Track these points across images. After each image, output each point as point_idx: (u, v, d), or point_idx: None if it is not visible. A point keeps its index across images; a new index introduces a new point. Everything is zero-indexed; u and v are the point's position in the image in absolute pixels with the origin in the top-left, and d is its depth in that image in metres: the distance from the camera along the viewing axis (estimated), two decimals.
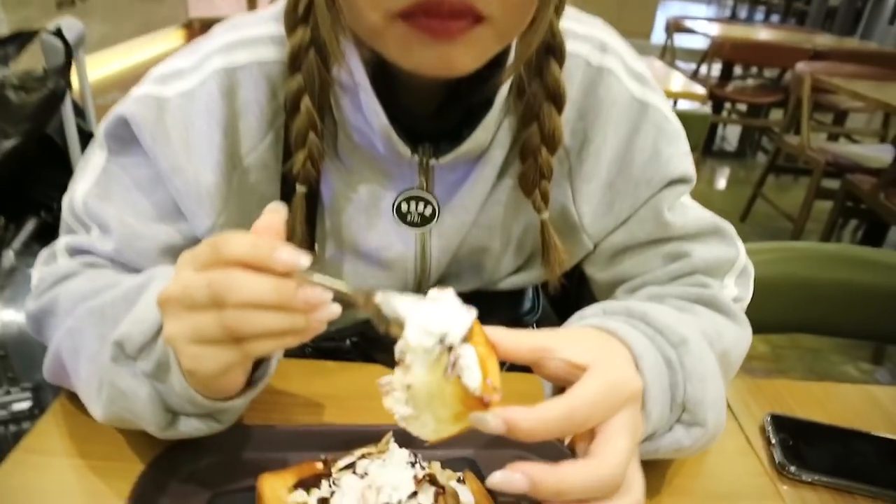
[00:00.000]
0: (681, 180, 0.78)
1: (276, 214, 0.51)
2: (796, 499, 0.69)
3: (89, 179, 0.72)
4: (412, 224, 0.75)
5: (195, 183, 0.69)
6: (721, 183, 4.88)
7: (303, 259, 0.46)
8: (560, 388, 0.55)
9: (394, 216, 0.75)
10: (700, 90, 2.96)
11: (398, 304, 0.44)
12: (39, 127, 1.78)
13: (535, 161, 0.71)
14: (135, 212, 0.71)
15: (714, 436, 0.62)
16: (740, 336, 0.72)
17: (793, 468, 0.71)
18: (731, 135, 5.63)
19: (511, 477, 0.43)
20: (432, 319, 0.43)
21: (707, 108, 4.16)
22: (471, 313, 0.45)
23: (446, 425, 0.45)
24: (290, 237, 0.70)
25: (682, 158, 0.78)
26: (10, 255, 1.67)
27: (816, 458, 0.73)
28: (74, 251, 0.73)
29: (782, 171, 4.59)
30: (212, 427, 0.61)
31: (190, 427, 0.59)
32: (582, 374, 0.48)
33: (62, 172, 1.88)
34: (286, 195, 0.72)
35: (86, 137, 2.09)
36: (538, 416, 0.44)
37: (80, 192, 0.72)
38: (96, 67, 5.22)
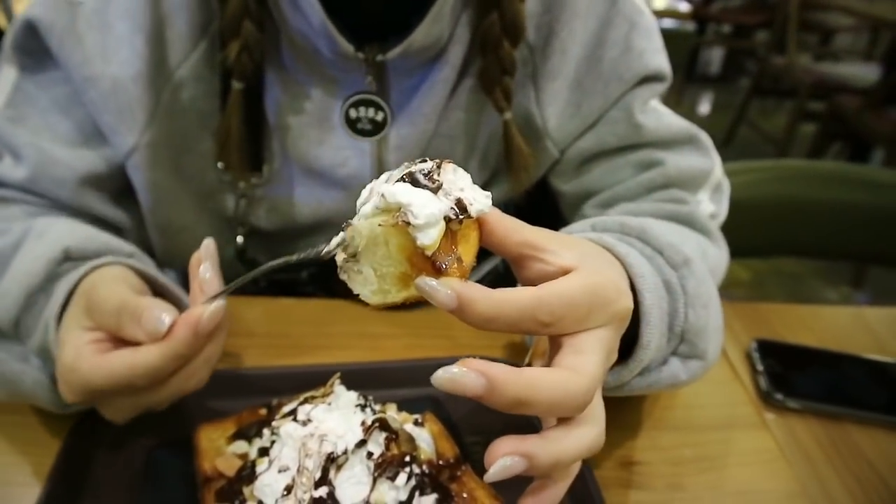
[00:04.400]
0: (655, 77, 0.70)
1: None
2: (783, 427, 0.65)
3: None
4: (363, 132, 0.68)
5: (113, 94, 0.62)
6: (704, 108, 4.78)
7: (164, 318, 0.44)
8: None
9: (343, 125, 0.68)
10: (685, 7, 2.83)
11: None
12: None
13: (495, 55, 0.63)
14: (53, 136, 0.64)
15: (710, 367, 0.56)
16: (720, 257, 0.67)
17: (779, 396, 0.67)
18: (714, 59, 5.50)
19: (462, 375, 0.33)
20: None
21: (690, 26, 4.01)
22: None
23: (390, 286, 0.36)
24: (227, 139, 0.65)
25: (655, 53, 0.70)
26: None
27: (804, 384, 0.69)
28: None
29: (766, 94, 4.49)
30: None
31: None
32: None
33: None
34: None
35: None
36: (499, 298, 0.35)
37: None
38: None
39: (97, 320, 0.47)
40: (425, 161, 0.36)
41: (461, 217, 0.35)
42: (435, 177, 0.35)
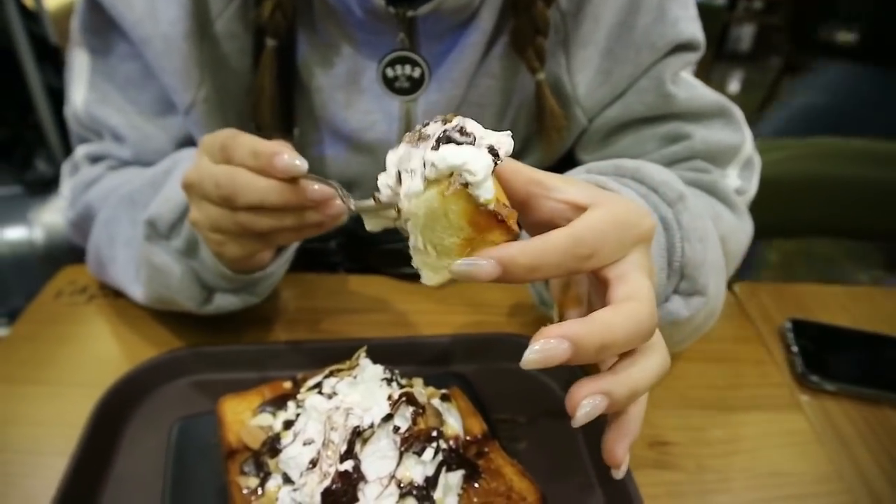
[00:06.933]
0: (688, 46, 0.68)
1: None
2: (818, 410, 0.63)
3: (82, 85, 0.69)
4: (401, 91, 0.68)
5: (166, 54, 0.63)
6: (734, 86, 4.67)
7: (300, 163, 0.46)
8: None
9: (380, 84, 0.67)
10: None
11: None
12: None
13: (528, 15, 0.62)
14: (138, 111, 0.69)
15: (714, 310, 0.55)
16: (739, 227, 0.64)
17: (815, 377, 0.65)
18: (744, 35, 5.37)
19: (548, 346, 0.33)
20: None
21: (720, 1, 3.90)
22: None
23: (451, 258, 0.35)
24: (260, 97, 0.66)
25: (690, 21, 0.68)
26: None
27: (840, 365, 0.67)
28: (94, 158, 0.72)
29: (798, 71, 4.38)
30: (247, 301, 0.62)
31: (226, 302, 0.61)
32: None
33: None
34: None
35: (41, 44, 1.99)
36: (537, 246, 0.35)
37: (78, 101, 0.69)
38: None
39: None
40: (430, 122, 0.35)
41: (497, 162, 0.34)
42: (467, 130, 0.34)
